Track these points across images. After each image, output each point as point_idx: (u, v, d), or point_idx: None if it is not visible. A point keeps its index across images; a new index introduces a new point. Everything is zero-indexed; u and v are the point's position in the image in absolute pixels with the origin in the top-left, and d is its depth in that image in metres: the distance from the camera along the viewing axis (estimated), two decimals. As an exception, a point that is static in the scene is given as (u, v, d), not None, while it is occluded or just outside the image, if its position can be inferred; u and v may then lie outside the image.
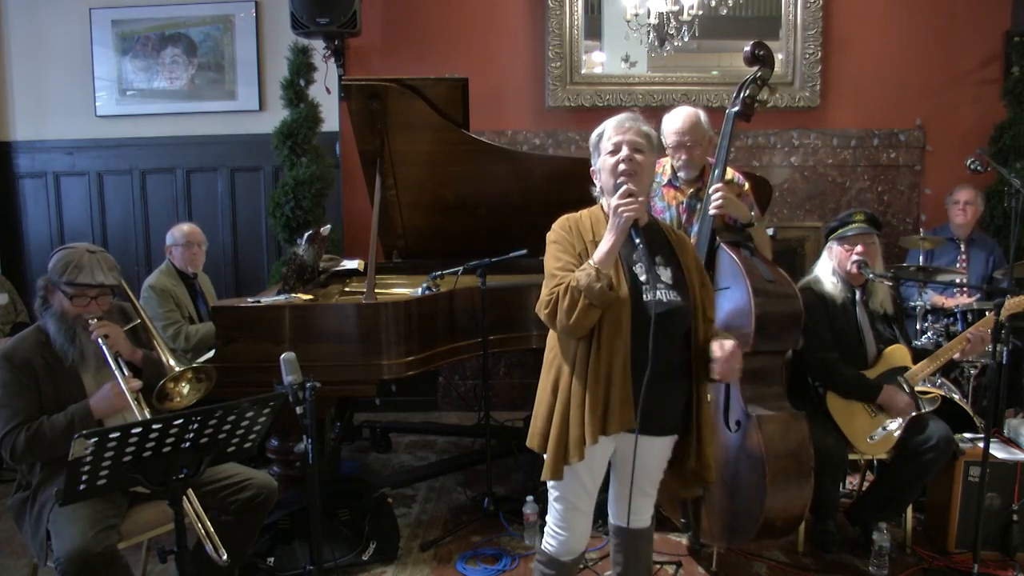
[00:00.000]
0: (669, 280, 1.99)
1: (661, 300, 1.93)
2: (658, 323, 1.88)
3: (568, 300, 1.86)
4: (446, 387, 4.92)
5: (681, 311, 1.97)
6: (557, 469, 1.96)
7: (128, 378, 2.25)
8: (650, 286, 1.92)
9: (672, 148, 2.89)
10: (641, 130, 2.00)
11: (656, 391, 1.93)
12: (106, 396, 2.25)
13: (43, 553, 2.20)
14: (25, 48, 4.85)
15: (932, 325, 3.66)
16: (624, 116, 2.03)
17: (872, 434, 2.81)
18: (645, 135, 2.00)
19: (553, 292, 1.91)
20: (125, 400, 2.22)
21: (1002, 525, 2.87)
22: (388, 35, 4.70)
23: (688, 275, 2.03)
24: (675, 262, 2.04)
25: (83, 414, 2.23)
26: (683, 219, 2.94)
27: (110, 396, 2.25)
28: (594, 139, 2.05)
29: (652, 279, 1.92)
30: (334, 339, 2.82)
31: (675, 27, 4.46)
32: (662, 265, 2.00)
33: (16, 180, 4.96)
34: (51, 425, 2.20)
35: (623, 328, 1.89)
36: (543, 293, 1.95)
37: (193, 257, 3.79)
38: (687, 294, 2.00)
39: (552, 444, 1.96)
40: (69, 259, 2.27)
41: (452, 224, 3.72)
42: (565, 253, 1.98)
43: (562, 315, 1.88)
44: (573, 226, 2.04)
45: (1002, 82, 4.61)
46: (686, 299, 1.99)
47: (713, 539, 2.73)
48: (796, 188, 4.79)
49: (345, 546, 2.87)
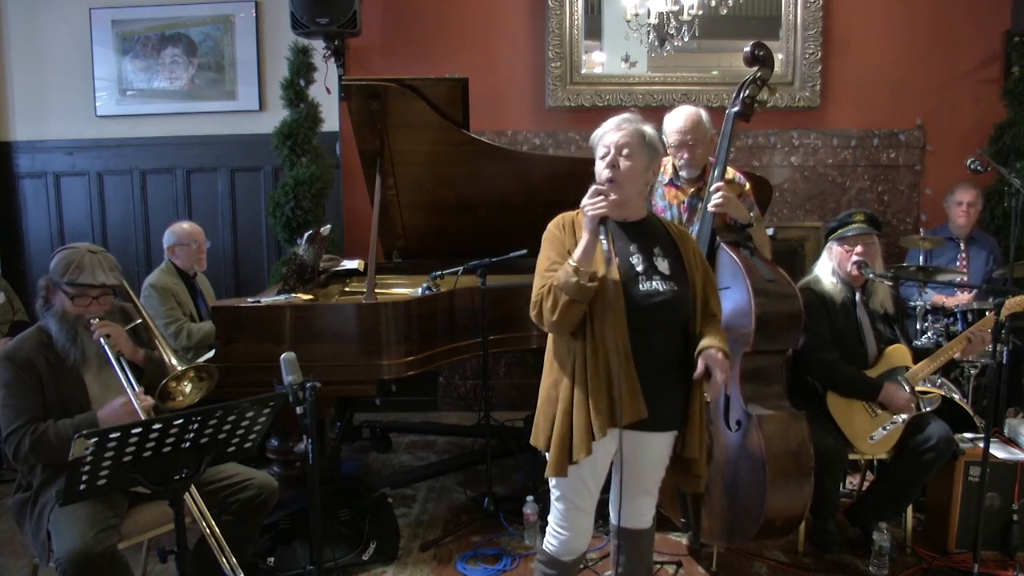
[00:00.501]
0: (667, 271, 1.99)
1: (657, 290, 1.95)
2: (653, 312, 1.90)
3: (551, 299, 1.90)
4: (446, 387, 4.92)
5: (677, 300, 1.98)
6: (561, 466, 1.96)
7: (140, 395, 2.23)
8: (646, 276, 1.94)
9: (674, 147, 2.89)
10: (634, 130, 1.98)
11: (657, 385, 1.94)
12: (115, 411, 2.22)
13: (44, 554, 2.20)
14: (25, 48, 4.85)
15: (932, 325, 3.66)
16: (621, 117, 2.02)
17: (872, 434, 2.81)
18: (638, 135, 1.98)
19: (539, 293, 1.95)
20: (136, 418, 2.18)
21: (1002, 525, 2.87)
22: (388, 35, 4.70)
23: (689, 266, 2.04)
24: (675, 253, 2.04)
25: (88, 424, 2.20)
26: (684, 218, 2.95)
27: (120, 413, 2.21)
28: (594, 139, 2.06)
29: (648, 270, 1.94)
30: (334, 339, 2.82)
31: (675, 27, 4.45)
32: (660, 256, 2.01)
33: (16, 180, 4.95)
34: (56, 432, 2.19)
35: (617, 319, 1.90)
36: (533, 293, 1.98)
37: (199, 256, 3.80)
38: (686, 284, 2.01)
39: (555, 442, 1.96)
40: (70, 259, 2.27)
41: (452, 224, 3.72)
42: (554, 252, 2.00)
43: (547, 313, 1.91)
44: (568, 224, 2.05)
45: (1002, 82, 4.61)
46: (684, 289, 2.00)
47: (713, 539, 2.73)
48: (796, 188, 4.79)
49: (345, 546, 2.88)
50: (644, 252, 1.99)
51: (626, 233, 2.02)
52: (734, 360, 2.56)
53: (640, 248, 2.00)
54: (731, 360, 2.54)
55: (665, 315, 1.96)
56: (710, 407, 2.63)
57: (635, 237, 2.02)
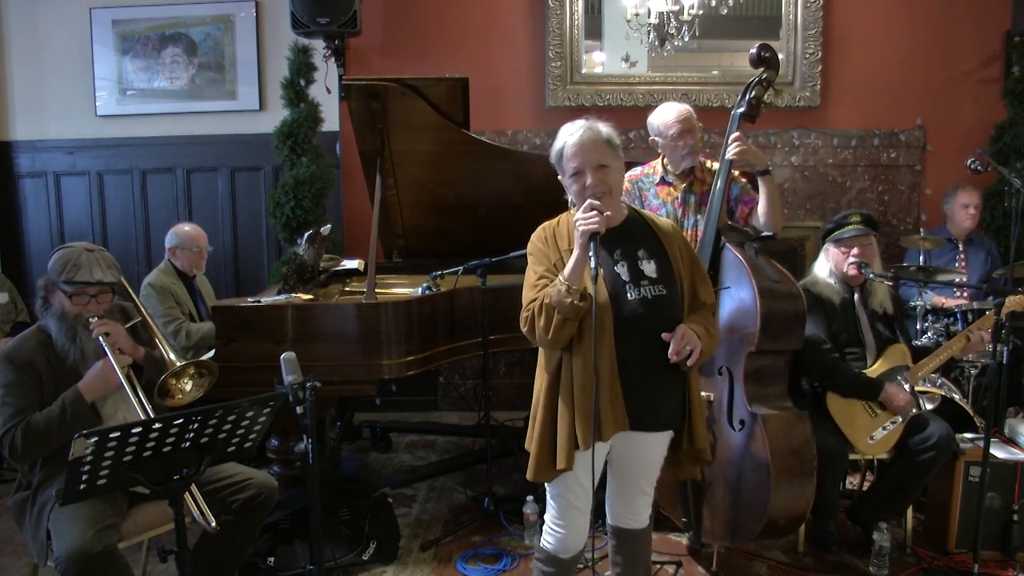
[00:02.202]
0: (653, 273, 1.99)
1: (645, 297, 1.95)
2: (642, 320, 1.91)
3: (544, 317, 1.90)
4: (446, 387, 4.92)
5: (666, 303, 1.97)
6: (541, 473, 1.98)
7: (119, 355, 2.23)
8: (633, 284, 1.94)
9: (675, 136, 2.88)
10: (600, 141, 1.95)
11: (650, 388, 1.94)
12: (96, 374, 2.22)
13: (44, 553, 2.20)
14: (25, 48, 4.85)
15: (932, 325, 3.66)
16: (579, 134, 1.96)
17: (872, 434, 2.81)
18: (606, 143, 1.96)
19: (529, 309, 1.95)
20: (116, 378, 2.20)
21: (1002, 525, 2.86)
22: (388, 35, 4.70)
23: (675, 263, 2.02)
24: (660, 252, 2.02)
25: (73, 397, 2.20)
26: (679, 213, 2.96)
27: (100, 374, 2.22)
28: (554, 155, 2.02)
29: (635, 277, 1.94)
30: (334, 339, 2.82)
31: (675, 27, 4.45)
32: (645, 259, 2.00)
33: (16, 180, 4.96)
34: (43, 415, 2.19)
35: (604, 336, 1.90)
36: (523, 308, 1.98)
37: (199, 261, 3.80)
38: (674, 284, 2.00)
39: (536, 448, 1.98)
40: (67, 258, 2.27)
41: (452, 224, 3.72)
42: (540, 266, 2.00)
43: (540, 332, 1.92)
44: (549, 236, 2.04)
45: (1002, 82, 4.61)
46: (673, 290, 1.99)
47: (714, 538, 2.73)
48: (796, 188, 4.79)
49: (345, 546, 2.87)
50: (628, 258, 1.99)
51: (610, 239, 1.98)
52: (738, 360, 2.57)
53: (624, 253, 1.99)
54: (735, 360, 2.57)
55: (655, 320, 1.95)
56: (712, 407, 2.63)
57: (618, 242, 2.00)
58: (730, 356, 2.59)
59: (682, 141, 2.89)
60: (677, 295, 2.00)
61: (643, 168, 3.07)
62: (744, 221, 2.91)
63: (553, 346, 1.96)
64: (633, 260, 1.99)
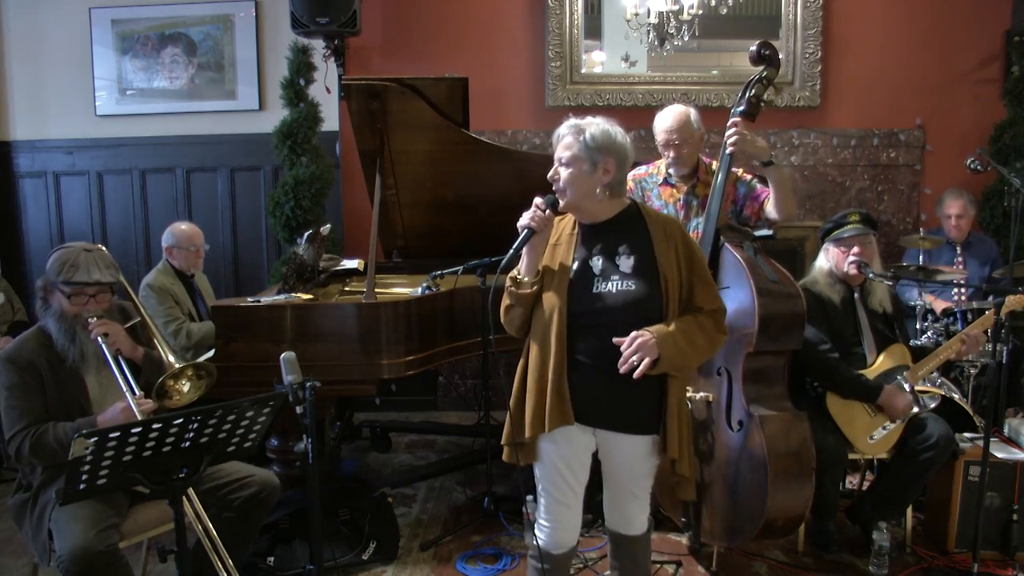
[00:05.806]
0: (628, 269, 1.98)
1: (611, 291, 1.96)
2: (607, 314, 1.94)
3: (503, 301, 2.08)
4: (446, 387, 4.92)
5: (635, 298, 1.95)
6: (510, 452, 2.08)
7: (140, 399, 2.23)
8: (602, 277, 1.97)
9: (661, 146, 2.95)
10: (572, 140, 1.99)
11: (623, 387, 1.93)
12: (115, 417, 2.21)
13: (46, 554, 2.20)
14: (25, 48, 4.84)
15: (932, 325, 3.66)
16: (565, 126, 2.04)
17: (872, 434, 2.81)
18: (578, 144, 1.97)
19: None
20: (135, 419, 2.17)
21: (1002, 525, 2.87)
22: (388, 35, 4.70)
23: (662, 259, 1.97)
24: (645, 249, 1.99)
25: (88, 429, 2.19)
26: (681, 215, 2.96)
27: (119, 418, 2.20)
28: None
29: (607, 271, 1.97)
30: (334, 339, 2.82)
31: (675, 27, 4.45)
32: (625, 254, 2.00)
33: (16, 180, 4.95)
34: (55, 435, 2.18)
35: (554, 326, 1.96)
36: None
37: (196, 259, 3.80)
38: (652, 280, 1.96)
39: (505, 431, 2.09)
40: (65, 258, 2.27)
41: (452, 224, 3.72)
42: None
43: (501, 316, 2.10)
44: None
45: (1002, 82, 4.60)
46: (647, 286, 1.96)
47: (714, 539, 2.73)
48: (796, 188, 4.78)
49: (345, 546, 2.87)
50: (607, 252, 1.99)
51: (592, 235, 2.03)
52: (736, 360, 2.57)
53: (603, 248, 2.00)
54: (734, 360, 2.56)
55: (622, 314, 1.93)
56: (711, 407, 2.63)
57: (600, 238, 2.02)
58: (728, 356, 2.59)
59: (666, 151, 2.93)
60: (654, 292, 1.95)
61: (647, 167, 3.07)
62: (756, 218, 2.91)
63: (508, 330, 2.11)
64: (611, 254, 1.99)
